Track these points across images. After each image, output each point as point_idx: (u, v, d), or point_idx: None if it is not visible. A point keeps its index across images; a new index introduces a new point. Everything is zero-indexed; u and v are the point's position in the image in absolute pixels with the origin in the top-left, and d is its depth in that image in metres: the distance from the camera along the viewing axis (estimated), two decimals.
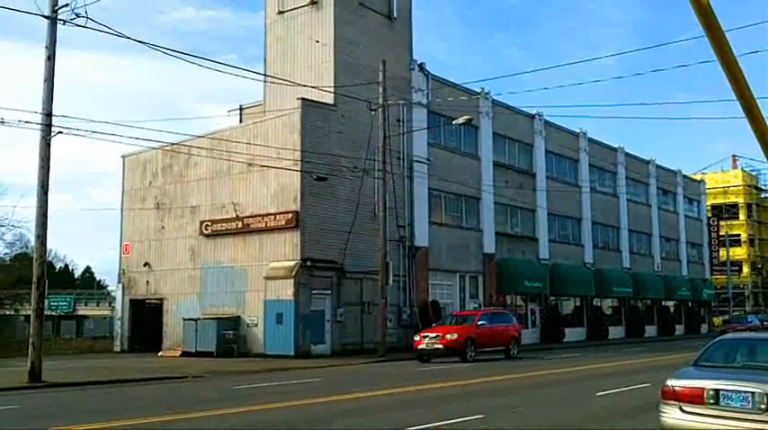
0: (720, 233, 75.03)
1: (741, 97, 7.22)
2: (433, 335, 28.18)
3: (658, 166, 62.78)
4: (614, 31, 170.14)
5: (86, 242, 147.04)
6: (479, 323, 28.99)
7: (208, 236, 35.52)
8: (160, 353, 34.86)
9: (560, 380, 20.12)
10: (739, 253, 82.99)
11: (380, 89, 31.39)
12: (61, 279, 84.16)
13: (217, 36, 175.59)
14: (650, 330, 57.06)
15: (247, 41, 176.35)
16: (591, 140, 53.25)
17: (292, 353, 30.11)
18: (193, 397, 17.75)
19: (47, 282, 21.88)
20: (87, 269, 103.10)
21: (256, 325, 32.54)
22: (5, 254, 52.83)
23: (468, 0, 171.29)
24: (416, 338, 28.79)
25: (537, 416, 13.12)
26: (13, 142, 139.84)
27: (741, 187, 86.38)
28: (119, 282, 40.44)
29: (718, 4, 6.77)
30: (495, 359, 28.67)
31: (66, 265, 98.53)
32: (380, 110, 31.36)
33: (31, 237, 27.73)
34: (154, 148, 35.22)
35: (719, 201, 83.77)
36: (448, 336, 27.72)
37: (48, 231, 21.27)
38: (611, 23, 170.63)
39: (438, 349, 27.67)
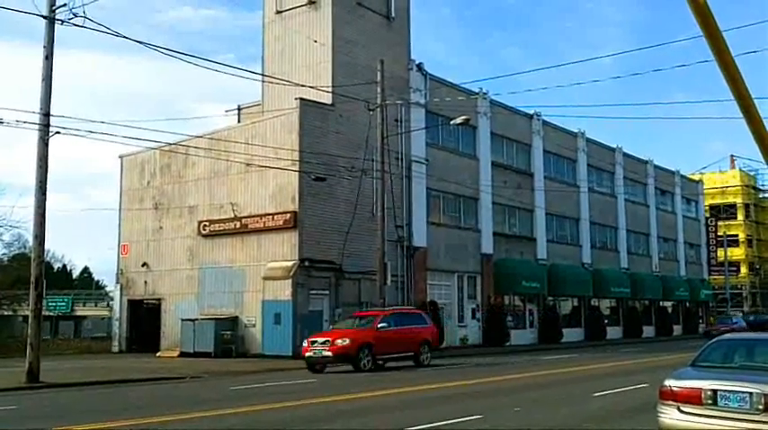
0: (718, 233, 75.12)
1: (739, 98, 7.21)
2: (322, 340, 24.19)
3: (656, 167, 62.84)
4: (612, 31, 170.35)
5: (85, 242, 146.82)
6: (380, 325, 24.85)
7: (206, 236, 35.50)
8: (158, 354, 34.84)
9: (558, 381, 20.12)
10: (737, 253, 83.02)
11: (379, 89, 31.33)
12: (59, 279, 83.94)
13: (214, 35, 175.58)
14: (648, 330, 57.14)
15: (245, 41, 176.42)
16: (589, 140, 53.30)
17: (290, 354, 30.07)
18: (191, 397, 17.74)
19: (45, 282, 21.86)
20: (85, 269, 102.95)
21: (254, 325, 32.53)
22: (3, 254, 52.86)
23: (466, 0, 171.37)
24: (304, 344, 24.89)
25: (536, 417, 13.12)
26: (10, 142, 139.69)
27: (739, 187, 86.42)
28: (117, 283, 40.42)
29: (716, 4, 6.77)
30: (401, 367, 25.21)
31: (65, 266, 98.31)
32: (379, 110, 31.31)
33: (30, 238, 27.71)
34: (152, 148, 35.22)
35: (717, 201, 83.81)
36: (338, 342, 23.71)
37: (46, 231, 21.29)
38: (608, 23, 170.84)
39: (327, 357, 23.81)
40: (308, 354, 24.23)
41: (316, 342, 24.25)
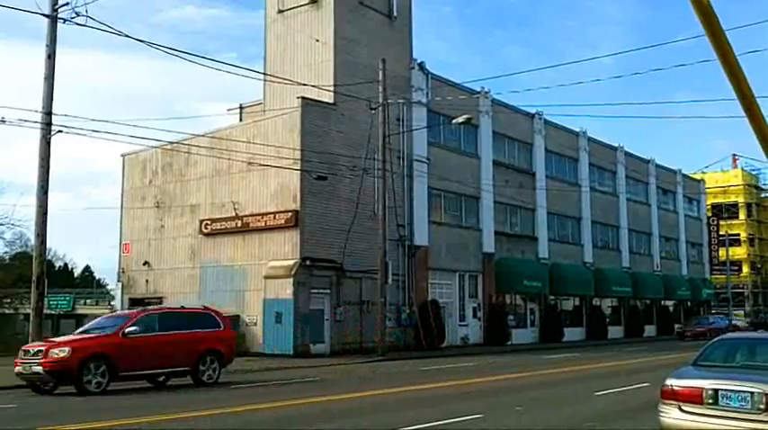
0: (720, 232, 75.07)
1: (742, 97, 7.20)
2: (35, 350, 18.02)
3: (658, 166, 62.80)
4: (613, 30, 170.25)
5: (86, 241, 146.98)
6: (129, 330, 18.38)
7: (207, 235, 35.52)
8: None
9: (560, 380, 20.12)
10: (739, 252, 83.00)
11: (380, 88, 31.38)
12: (61, 278, 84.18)
13: (216, 35, 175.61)
14: (649, 330, 57.13)
15: (247, 40, 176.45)
16: (591, 139, 53.25)
17: (291, 353, 30.10)
18: (191, 396, 17.71)
19: (46, 280, 21.86)
20: (87, 268, 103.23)
21: (255, 324, 32.53)
22: (5, 252, 52.89)
23: None
24: (19, 354, 18.60)
25: (537, 416, 13.12)
26: (12, 140, 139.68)
27: (741, 186, 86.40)
28: (118, 281, 40.45)
29: (718, 3, 6.76)
30: (166, 387, 19.41)
31: (66, 264, 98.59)
32: (380, 109, 31.35)
33: (31, 236, 27.74)
34: (154, 147, 35.24)
35: (719, 200, 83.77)
36: (54, 353, 17.49)
37: (47, 230, 21.30)
38: (609, 22, 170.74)
39: (39, 374, 17.65)
40: (17, 369, 18.14)
41: (28, 352, 18.12)
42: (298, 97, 32.12)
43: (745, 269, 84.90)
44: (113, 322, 19.41)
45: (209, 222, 35.43)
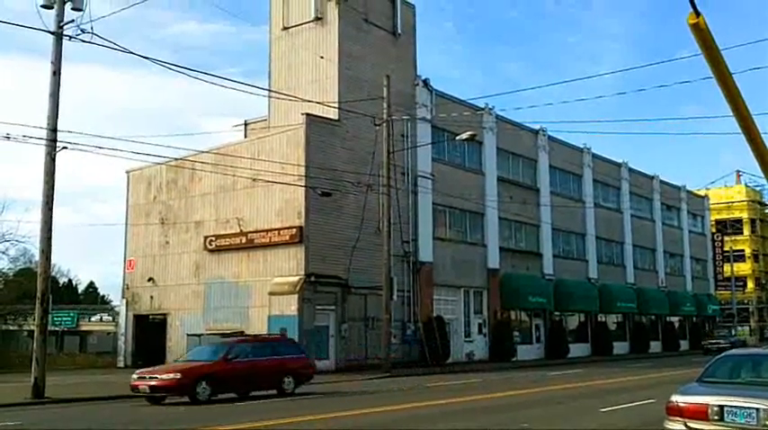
0: (724, 248, 74.90)
1: (740, 119, 7.25)
2: None
3: (662, 182, 62.83)
4: (614, 45, 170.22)
5: (90, 257, 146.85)
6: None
7: (212, 251, 35.56)
8: None
9: (565, 396, 20.04)
10: (743, 268, 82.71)
11: (385, 104, 31.49)
12: (65, 294, 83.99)
13: (217, 50, 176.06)
14: (655, 346, 56.89)
15: (248, 56, 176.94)
16: (595, 156, 53.32)
17: None
18: (198, 413, 17.68)
19: (51, 297, 21.87)
20: (91, 284, 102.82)
21: None
22: (9, 269, 52.80)
23: (469, 13, 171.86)
24: None
25: None
26: (15, 155, 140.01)
27: (745, 202, 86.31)
28: (122, 298, 40.45)
29: (716, 19, 6.82)
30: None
31: (70, 280, 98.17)
32: (385, 125, 31.44)
33: (35, 252, 27.77)
34: (158, 164, 35.36)
35: (723, 216, 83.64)
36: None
37: (52, 246, 21.33)
38: (610, 37, 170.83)
39: None
40: None
41: None
42: (302, 113, 32.26)
43: (750, 285, 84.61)
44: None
45: (213, 238, 35.47)
